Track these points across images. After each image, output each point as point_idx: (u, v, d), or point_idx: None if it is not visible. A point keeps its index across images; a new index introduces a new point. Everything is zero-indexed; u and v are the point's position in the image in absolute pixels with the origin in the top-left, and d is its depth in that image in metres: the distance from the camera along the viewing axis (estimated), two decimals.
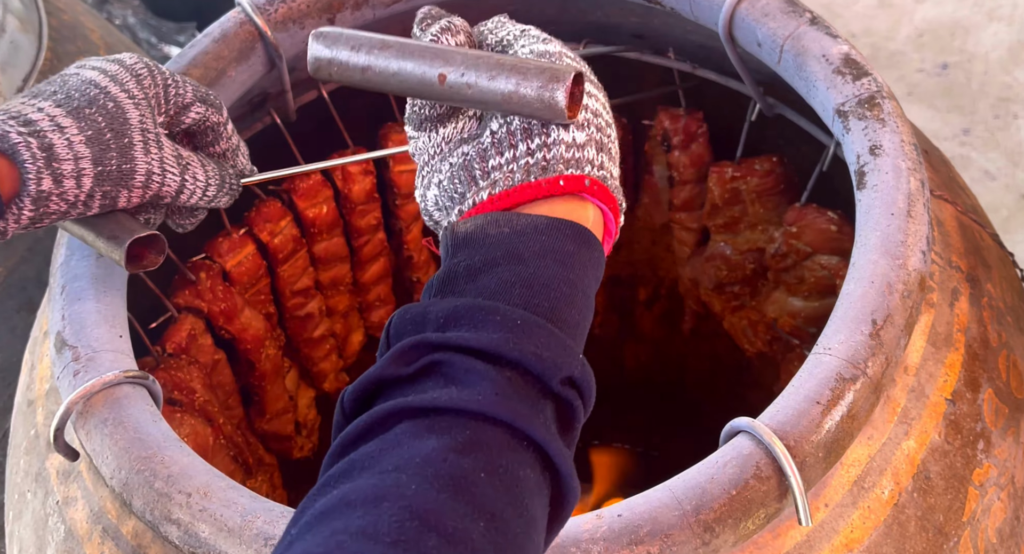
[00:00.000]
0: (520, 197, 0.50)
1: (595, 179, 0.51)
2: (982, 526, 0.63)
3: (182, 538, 0.53)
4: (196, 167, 0.64)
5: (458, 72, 0.50)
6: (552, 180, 0.50)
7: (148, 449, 0.56)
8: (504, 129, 0.52)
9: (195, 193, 0.64)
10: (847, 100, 0.68)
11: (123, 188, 0.60)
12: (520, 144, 0.51)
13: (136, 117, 0.60)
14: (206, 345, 0.85)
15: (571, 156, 0.51)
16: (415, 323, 0.46)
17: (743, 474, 0.54)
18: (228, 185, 0.67)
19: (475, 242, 0.49)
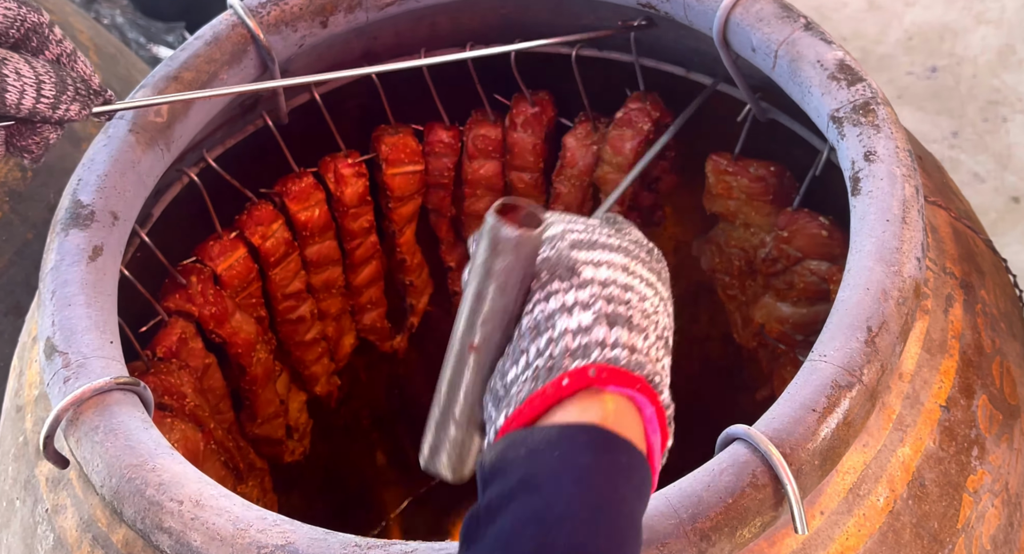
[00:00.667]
0: (532, 410, 0.44)
1: (601, 365, 0.44)
2: (976, 533, 0.63)
3: (174, 547, 0.53)
4: (17, 62, 0.55)
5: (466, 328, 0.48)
6: (555, 381, 0.44)
7: (139, 457, 0.55)
8: (515, 338, 0.47)
9: (26, 92, 0.55)
10: (842, 106, 0.68)
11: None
12: (531, 347, 0.46)
13: None
14: (197, 349, 0.84)
15: (577, 344, 0.45)
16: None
17: (739, 482, 0.54)
18: (73, 88, 0.58)
19: (498, 472, 0.43)
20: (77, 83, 0.58)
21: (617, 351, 0.45)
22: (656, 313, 0.48)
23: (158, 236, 0.82)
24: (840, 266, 0.89)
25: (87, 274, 0.64)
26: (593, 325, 0.45)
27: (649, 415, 0.46)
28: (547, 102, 1.03)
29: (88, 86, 0.59)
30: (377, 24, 0.90)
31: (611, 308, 0.46)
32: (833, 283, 0.89)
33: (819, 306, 0.95)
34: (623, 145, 0.99)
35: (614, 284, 0.47)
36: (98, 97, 0.60)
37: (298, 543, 0.52)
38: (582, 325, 0.45)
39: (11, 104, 0.55)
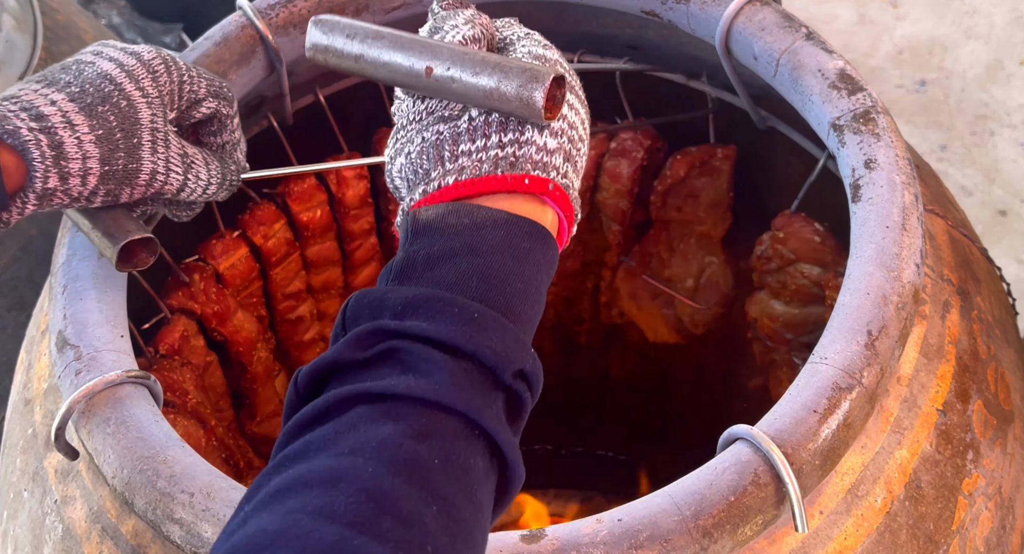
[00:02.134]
0: (484, 188, 0.52)
1: (559, 185, 0.53)
2: (970, 535, 0.65)
3: (184, 538, 0.53)
4: (200, 166, 0.64)
5: (444, 66, 0.52)
6: (518, 177, 0.52)
7: (150, 449, 0.56)
8: (482, 118, 0.53)
9: (196, 191, 0.65)
10: (842, 114, 0.70)
11: (127, 186, 0.60)
12: (493, 135, 0.53)
13: (148, 116, 0.60)
14: (199, 347, 0.85)
15: (540, 159, 0.53)
16: (372, 308, 0.47)
17: (742, 481, 0.55)
18: (228, 182, 0.67)
19: (435, 231, 0.50)
20: (232, 176, 0.67)
21: (566, 181, 0.54)
22: (582, 169, 0.57)
23: (162, 234, 0.82)
24: (831, 273, 0.91)
25: (98, 269, 0.65)
26: (555, 151, 0.53)
27: (564, 241, 0.56)
28: None
29: (239, 173, 0.68)
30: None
31: (568, 147, 0.54)
32: (828, 288, 0.91)
33: (810, 308, 0.97)
34: (620, 173, 1.04)
35: (576, 130, 0.55)
36: (239, 176, 0.68)
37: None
38: (548, 147, 0.53)
39: (183, 197, 0.65)
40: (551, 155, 0.53)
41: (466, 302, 0.47)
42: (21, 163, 0.56)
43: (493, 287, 0.48)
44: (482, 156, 0.52)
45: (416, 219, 0.51)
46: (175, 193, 0.64)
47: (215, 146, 0.68)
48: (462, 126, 0.54)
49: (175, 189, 0.63)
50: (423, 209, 0.51)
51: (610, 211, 1.07)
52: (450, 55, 0.52)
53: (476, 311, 0.47)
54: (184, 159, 0.63)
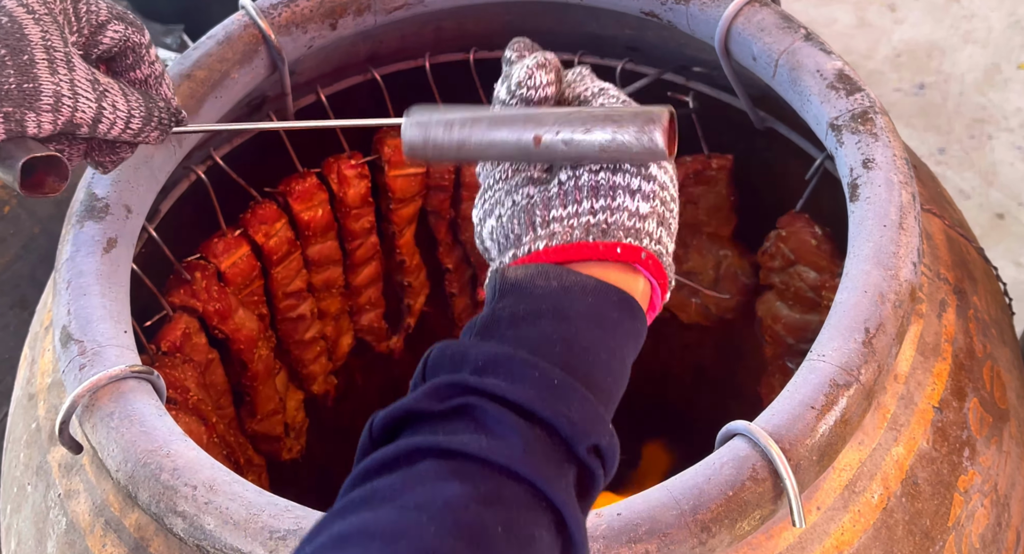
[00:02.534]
0: (575, 254, 0.51)
1: (651, 253, 0.52)
2: (966, 531, 0.65)
3: (187, 530, 0.54)
4: (116, 94, 0.58)
5: (552, 131, 0.51)
6: (610, 245, 0.51)
7: (154, 442, 0.56)
8: (572, 182, 0.52)
9: (116, 123, 0.58)
10: (840, 114, 0.70)
11: (29, 110, 0.54)
12: (585, 201, 0.52)
13: (37, 33, 0.55)
14: (200, 344, 0.85)
15: (632, 225, 0.52)
16: (453, 361, 0.47)
17: (740, 476, 0.56)
18: (157, 119, 0.61)
19: (522, 290, 0.49)
20: (161, 112, 0.62)
21: (660, 248, 0.53)
22: (675, 229, 0.56)
23: (165, 232, 0.83)
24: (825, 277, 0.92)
25: (102, 265, 0.65)
26: (648, 216, 0.52)
27: (657, 309, 0.55)
28: None
29: (169, 112, 0.63)
30: (384, 28, 0.91)
31: (662, 210, 0.53)
32: (825, 290, 0.91)
33: (810, 315, 0.97)
34: None
35: (667, 190, 0.54)
36: (174, 119, 0.63)
37: (309, 527, 0.53)
38: (640, 211, 0.52)
39: (101, 132, 0.59)
40: (644, 221, 0.52)
41: (548, 366, 0.46)
42: None
43: (576, 355, 0.47)
44: (574, 222, 0.52)
45: (504, 277, 0.50)
46: (91, 125, 0.57)
47: (137, 82, 0.62)
48: (552, 191, 0.53)
49: (89, 119, 0.57)
50: (512, 269, 0.51)
51: None
52: (555, 119, 0.51)
53: (557, 377, 0.46)
54: (95, 85, 0.57)
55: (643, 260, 0.51)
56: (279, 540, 0.53)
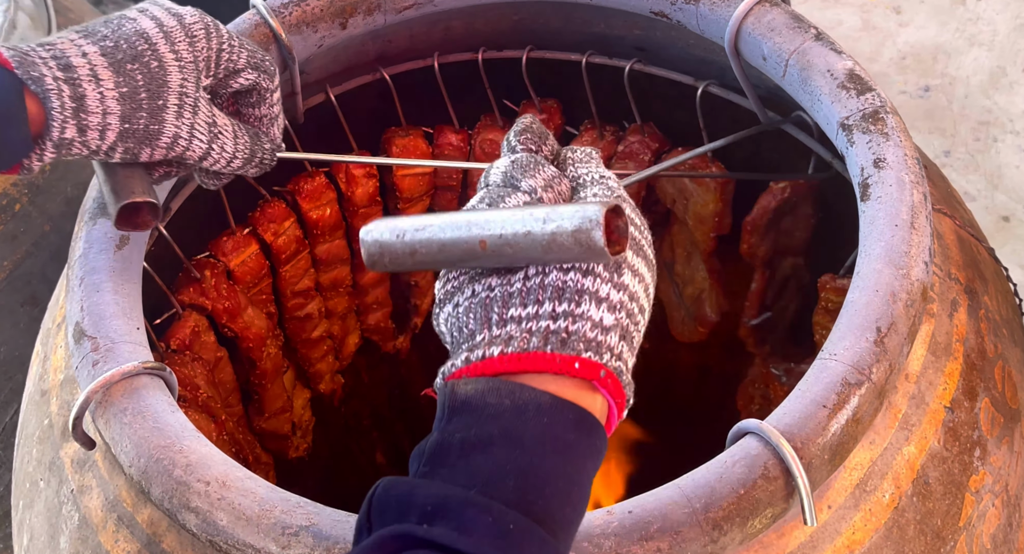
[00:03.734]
0: (530, 365, 0.47)
1: (611, 371, 0.48)
2: (977, 531, 0.65)
3: (200, 526, 0.54)
4: (227, 138, 0.63)
5: (495, 235, 0.49)
6: (568, 359, 0.47)
7: (167, 438, 0.56)
8: (537, 280, 0.50)
9: (219, 162, 0.64)
10: (851, 114, 0.70)
11: (146, 146, 0.60)
12: (547, 303, 0.49)
13: (177, 80, 0.59)
14: (209, 342, 0.85)
15: (593, 337, 0.48)
16: (400, 504, 0.44)
17: (751, 474, 0.56)
18: (259, 158, 0.67)
19: (473, 410, 0.46)
20: (264, 153, 0.67)
21: (620, 365, 0.49)
22: (638, 343, 0.52)
23: (175, 230, 0.83)
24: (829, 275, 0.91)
25: (114, 262, 0.65)
26: (611, 329, 0.49)
27: (612, 428, 0.51)
28: (555, 109, 1.05)
29: (272, 151, 0.68)
30: (393, 27, 0.91)
31: (627, 323, 0.50)
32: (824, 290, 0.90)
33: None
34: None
35: (636, 302, 0.50)
36: (275, 157, 0.68)
37: (321, 524, 0.54)
38: (604, 323, 0.49)
39: (206, 166, 0.64)
40: (606, 334, 0.49)
41: (502, 510, 0.43)
42: (42, 111, 0.56)
43: (532, 488, 0.44)
44: (532, 326, 0.48)
45: (455, 394, 0.47)
46: (197, 161, 0.63)
47: (252, 119, 0.67)
48: (515, 286, 0.50)
49: (197, 156, 0.62)
50: (463, 382, 0.47)
51: None
52: (500, 221, 0.49)
53: (512, 522, 0.43)
54: (211, 128, 0.62)
55: (602, 378, 0.48)
56: (291, 536, 0.53)
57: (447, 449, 0.46)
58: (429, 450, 0.46)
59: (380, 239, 0.52)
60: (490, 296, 0.50)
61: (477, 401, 0.46)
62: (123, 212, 0.61)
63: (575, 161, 0.55)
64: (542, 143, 0.55)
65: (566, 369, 0.47)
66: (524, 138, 0.54)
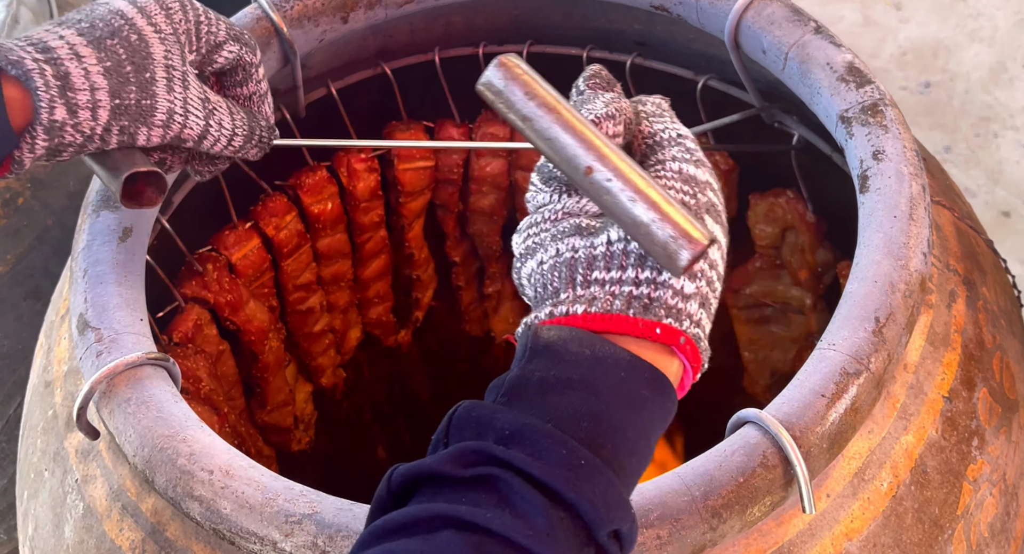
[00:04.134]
0: (613, 326, 0.48)
1: (690, 337, 0.49)
2: (975, 520, 0.65)
3: (204, 514, 0.54)
4: (223, 114, 0.62)
5: (606, 175, 0.48)
6: (650, 323, 0.48)
7: (170, 428, 0.57)
8: (620, 246, 0.50)
9: (219, 141, 0.62)
10: (851, 107, 0.71)
11: (142, 125, 0.58)
12: (630, 269, 0.49)
13: (161, 52, 0.58)
14: (211, 335, 0.86)
15: (675, 304, 0.49)
16: (480, 425, 0.46)
17: (750, 462, 0.56)
18: (258, 137, 0.65)
19: (554, 354, 0.48)
20: (262, 131, 0.65)
21: (699, 331, 0.50)
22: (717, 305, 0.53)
23: (177, 224, 0.83)
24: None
25: (118, 254, 0.66)
26: (691, 297, 0.50)
27: (687, 390, 0.53)
28: None
29: (269, 130, 0.66)
30: (394, 22, 0.92)
31: (706, 291, 0.50)
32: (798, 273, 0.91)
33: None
34: None
35: (715, 269, 0.51)
36: (272, 137, 0.66)
37: (324, 512, 0.54)
38: (684, 291, 0.50)
39: (205, 147, 0.62)
40: (687, 301, 0.49)
41: (575, 445, 0.45)
42: (27, 97, 0.54)
43: (604, 433, 0.46)
44: (615, 289, 0.49)
45: (537, 336, 0.48)
46: (196, 141, 0.61)
47: (241, 98, 0.66)
48: (599, 249, 0.50)
49: (196, 135, 0.60)
50: (546, 328, 0.49)
51: None
52: (616, 166, 0.48)
53: (583, 458, 0.44)
54: (205, 104, 0.60)
55: (681, 344, 0.49)
56: (294, 524, 0.53)
57: (525, 385, 0.47)
58: (508, 384, 0.48)
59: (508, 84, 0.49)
60: (575, 257, 0.51)
61: (559, 346, 0.48)
62: (127, 186, 0.59)
63: (648, 114, 0.54)
64: (611, 88, 0.54)
65: (648, 333, 0.48)
66: (592, 83, 0.54)
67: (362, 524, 0.54)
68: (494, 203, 1.09)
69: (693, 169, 0.52)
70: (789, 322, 1.01)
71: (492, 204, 1.09)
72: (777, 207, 0.95)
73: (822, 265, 0.96)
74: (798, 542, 0.59)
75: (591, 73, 0.55)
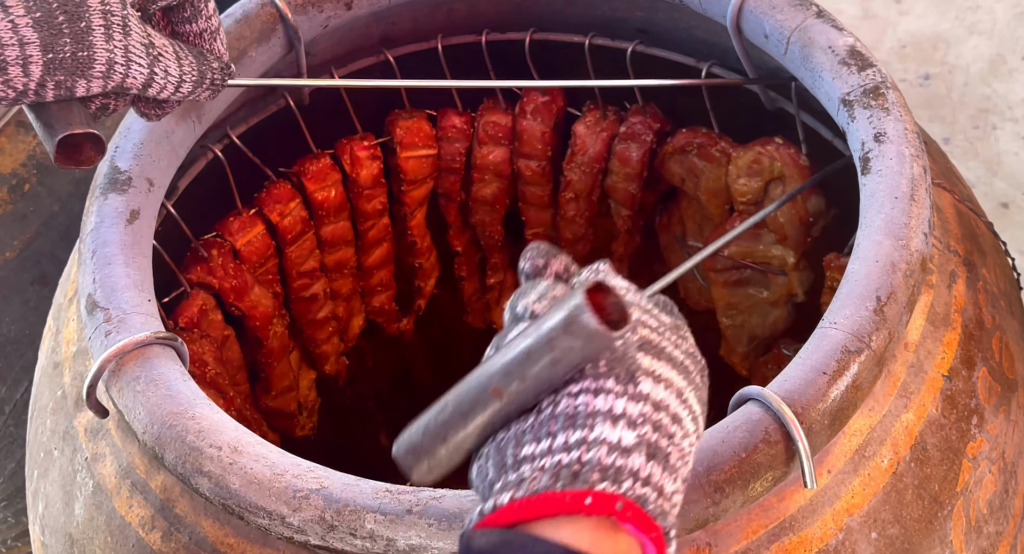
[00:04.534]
0: (540, 510, 0.41)
1: (630, 502, 0.41)
2: (974, 497, 0.66)
3: (213, 490, 0.55)
4: (169, 59, 0.57)
5: (502, 375, 0.44)
6: (578, 495, 0.41)
7: (179, 405, 0.57)
8: (548, 411, 0.44)
9: (166, 88, 0.58)
10: (852, 90, 0.71)
11: (80, 77, 0.54)
12: (560, 434, 0.43)
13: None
14: (216, 321, 0.86)
15: (610, 462, 0.42)
16: None
17: (753, 438, 0.57)
18: (209, 80, 0.60)
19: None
20: (214, 73, 0.61)
21: (647, 490, 0.42)
22: (690, 454, 0.46)
23: (182, 210, 0.84)
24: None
25: (125, 236, 0.66)
26: (633, 450, 0.42)
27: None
28: (557, 91, 1.06)
29: (222, 69, 0.62)
30: (397, 8, 0.92)
31: (655, 438, 0.43)
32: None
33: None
34: (630, 157, 1.04)
35: (665, 411, 0.44)
36: (226, 76, 0.62)
37: (332, 488, 0.55)
38: (622, 444, 0.42)
39: (151, 94, 0.58)
40: (627, 456, 0.42)
41: None
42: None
43: None
44: (544, 462, 0.42)
45: (469, 548, 0.41)
46: (141, 88, 0.57)
47: (191, 35, 0.61)
48: (528, 422, 0.44)
49: (139, 84, 0.56)
50: (478, 534, 0.41)
51: (620, 195, 1.08)
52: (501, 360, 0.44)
53: None
54: (149, 50, 0.56)
55: (619, 511, 0.41)
56: (302, 499, 0.54)
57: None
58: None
59: (410, 443, 0.46)
60: (505, 438, 0.44)
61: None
62: (62, 147, 0.56)
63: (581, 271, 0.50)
64: (549, 258, 0.50)
65: (576, 507, 0.40)
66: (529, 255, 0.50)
67: (369, 499, 0.54)
68: (496, 192, 1.09)
69: None
70: (769, 284, 1.00)
71: (494, 193, 1.09)
72: (763, 157, 0.91)
73: (814, 214, 0.92)
74: (799, 517, 0.60)
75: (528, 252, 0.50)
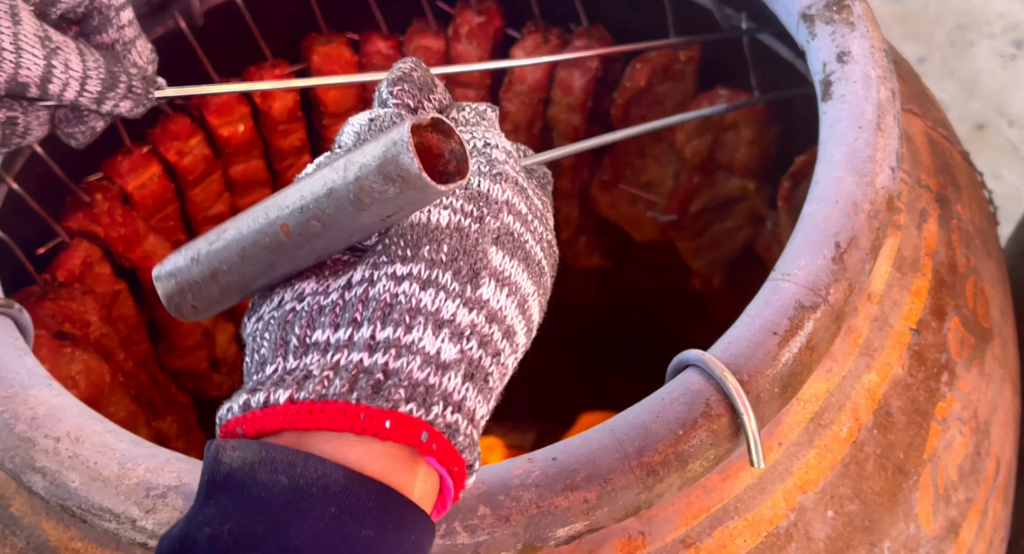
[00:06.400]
0: (324, 422, 0.34)
1: (437, 432, 0.34)
2: (943, 463, 0.59)
3: (48, 488, 0.46)
4: (70, 53, 0.53)
5: (296, 210, 0.35)
6: (376, 414, 0.33)
7: (10, 387, 0.48)
8: (360, 289, 0.36)
9: (69, 84, 0.53)
10: (814, 2, 0.62)
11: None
12: (366, 325, 0.35)
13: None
14: (103, 274, 0.77)
15: (422, 378, 0.35)
16: None
17: (691, 412, 0.49)
18: (125, 85, 0.56)
19: (236, 490, 0.33)
20: (132, 79, 0.57)
21: (457, 418, 0.35)
22: (509, 371, 0.39)
23: (59, 148, 0.73)
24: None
25: None
26: (451, 367, 0.35)
27: (448, 503, 0.37)
28: (494, 11, 0.96)
29: (143, 80, 0.58)
30: None
31: (478, 355, 0.36)
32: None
33: None
34: (572, 85, 0.95)
35: (499, 324, 0.37)
36: (151, 87, 0.59)
37: (193, 483, 0.46)
38: (441, 358, 0.35)
39: (53, 93, 0.53)
40: (442, 373, 0.35)
41: None
42: None
43: None
44: (339, 358, 0.35)
45: (217, 462, 0.34)
46: (40, 84, 0.53)
47: (104, 46, 0.58)
48: (331, 296, 0.36)
49: (36, 77, 0.52)
50: (231, 444, 0.34)
51: (562, 127, 0.99)
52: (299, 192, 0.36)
53: None
54: (45, 42, 0.52)
55: (423, 443, 0.34)
56: (157, 498, 0.46)
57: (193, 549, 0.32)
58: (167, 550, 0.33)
59: (175, 269, 0.38)
60: (296, 309, 0.36)
61: (243, 476, 0.33)
62: None
63: (463, 121, 0.42)
64: (424, 96, 0.42)
65: (372, 429, 0.33)
66: (399, 89, 0.42)
67: None
68: None
69: (488, 184, 0.38)
70: (733, 213, 0.94)
71: None
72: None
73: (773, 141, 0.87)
74: (745, 498, 0.53)
75: (399, 76, 0.42)
